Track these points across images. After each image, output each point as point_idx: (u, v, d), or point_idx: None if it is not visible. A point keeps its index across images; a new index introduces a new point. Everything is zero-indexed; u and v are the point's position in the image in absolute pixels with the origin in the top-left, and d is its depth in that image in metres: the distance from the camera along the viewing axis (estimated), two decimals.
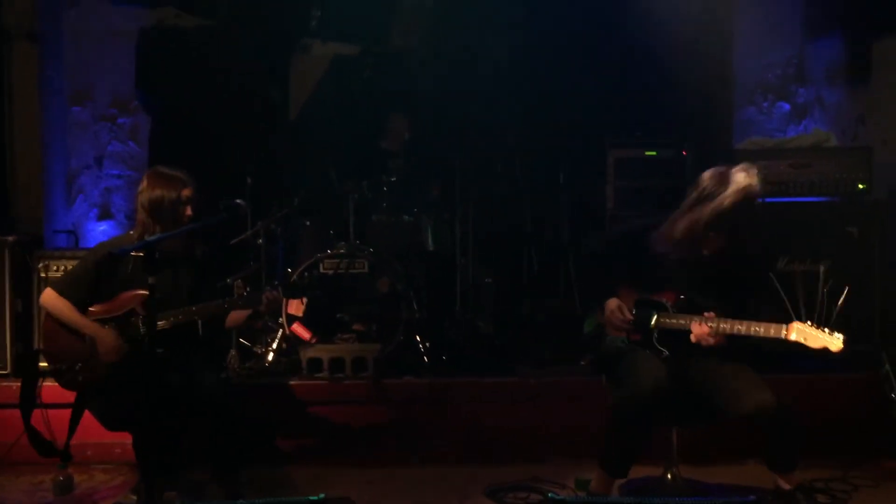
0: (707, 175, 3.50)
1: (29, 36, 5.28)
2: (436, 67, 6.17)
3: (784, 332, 3.35)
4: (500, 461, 4.29)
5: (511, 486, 3.96)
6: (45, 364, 3.75)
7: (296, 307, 4.72)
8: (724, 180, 3.44)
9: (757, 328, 3.39)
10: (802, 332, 3.33)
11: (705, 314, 3.48)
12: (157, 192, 3.69)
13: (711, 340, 3.45)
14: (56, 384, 3.75)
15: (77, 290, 3.66)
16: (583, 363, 3.79)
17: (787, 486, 3.52)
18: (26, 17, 5.27)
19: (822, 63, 5.43)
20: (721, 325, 3.44)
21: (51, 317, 3.68)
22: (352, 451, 4.40)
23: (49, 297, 3.66)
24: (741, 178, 3.43)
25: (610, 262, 3.78)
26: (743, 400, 3.40)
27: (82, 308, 3.65)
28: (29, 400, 3.78)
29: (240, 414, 3.63)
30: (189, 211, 3.71)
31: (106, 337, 3.59)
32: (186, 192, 3.71)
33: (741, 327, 3.41)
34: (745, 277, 3.57)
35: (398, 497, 3.93)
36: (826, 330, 3.31)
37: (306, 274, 3.97)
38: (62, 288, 3.68)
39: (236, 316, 3.83)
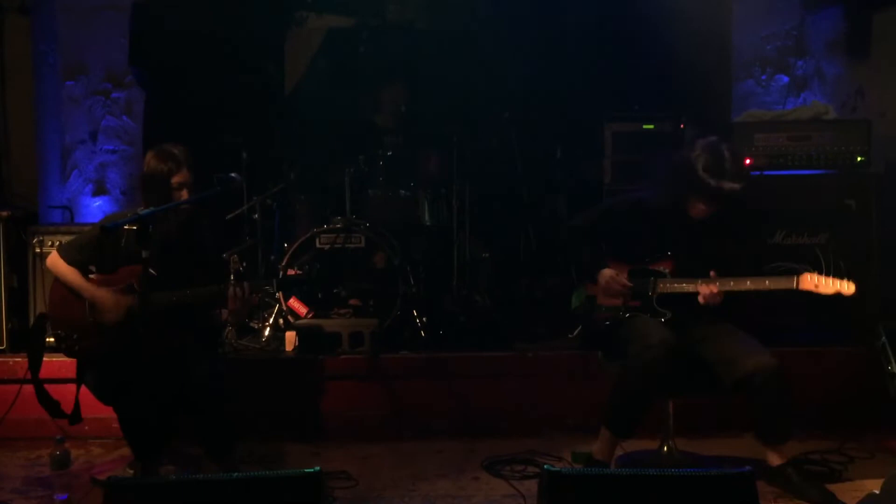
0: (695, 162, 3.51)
1: (21, 9, 5.23)
2: (432, 41, 6.12)
3: (795, 282, 3.36)
4: (497, 435, 4.30)
5: (508, 460, 3.97)
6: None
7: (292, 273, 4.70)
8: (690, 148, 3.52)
9: (766, 282, 3.41)
10: (813, 280, 3.36)
11: (711, 274, 3.48)
12: (150, 168, 3.67)
13: (718, 299, 3.46)
14: (54, 359, 3.77)
15: (81, 255, 3.68)
16: (571, 336, 3.80)
17: (777, 461, 3.54)
18: None
19: (821, 35, 5.38)
20: (729, 283, 3.45)
21: (58, 283, 3.70)
22: (349, 425, 4.41)
23: (54, 260, 3.69)
24: (700, 143, 3.49)
25: (597, 236, 3.78)
26: (744, 361, 3.43)
27: (83, 273, 3.67)
28: (36, 362, 3.79)
29: (233, 398, 3.63)
30: (184, 196, 3.63)
31: (104, 298, 3.60)
32: (178, 178, 3.62)
33: (749, 283, 3.43)
34: (734, 237, 3.58)
35: (395, 471, 3.95)
36: (835, 277, 3.33)
37: (305, 267, 3.95)
38: (66, 252, 3.71)
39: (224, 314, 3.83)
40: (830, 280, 3.34)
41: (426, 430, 4.39)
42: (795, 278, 3.39)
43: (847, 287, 3.33)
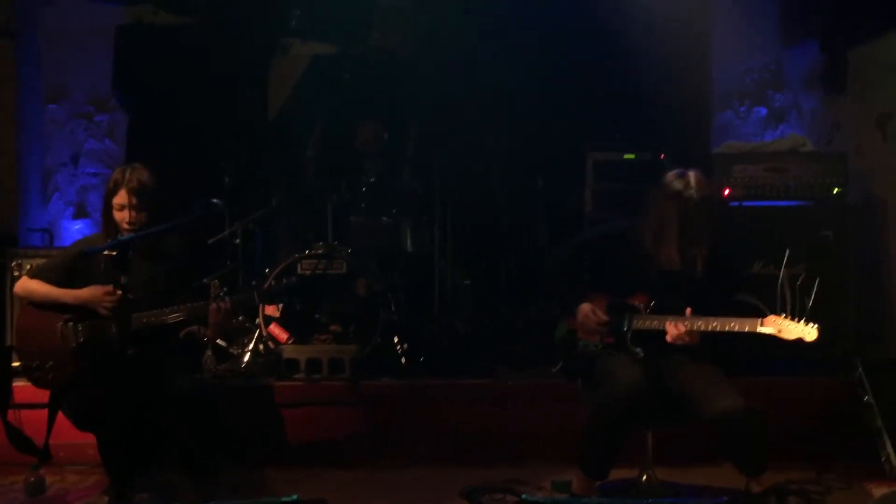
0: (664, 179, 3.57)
1: (4, 33, 5.24)
2: (414, 70, 6.16)
3: (759, 325, 3.38)
4: (477, 463, 4.29)
5: (487, 488, 3.95)
6: (17, 363, 3.71)
7: (273, 308, 4.70)
8: (660, 186, 3.56)
9: (731, 324, 3.43)
10: (776, 324, 3.36)
11: (687, 312, 3.50)
12: (106, 189, 3.67)
13: (687, 339, 3.47)
14: (28, 384, 3.72)
15: (49, 277, 3.63)
16: (553, 371, 3.81)
17: (757, 489, 3.55)
18: (2, 13, 5.24)
19: (799, 70, 5.48)
20: (696, 323, 3.46)
21: (26, 311, 3.65)
22: (328, 452, 4.38)
23: (23, 283, 3.65)
24: (673, 184, 3.51)
25: (577, 269, 3.80)
26: (711, 404, 3.43)
27: None
28: (4, 397, 3.73)
29: (214, 417, 3.60)
30: (125, 217, 3.59)
31: (91, 294, 3.55)
32: (117, 199, 3.59)
33: (716, 324, 3.44)
34: (713, 277, 3.60)
35: (374, 499, 3.92)
36: (800, 321, 3.34)
37: (284, 280, 3.95)
38: (36, 273, 3.66)
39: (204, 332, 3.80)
40: (793, 325, 3.35)
41: (406, 458, 4.36)
42: (759, 321, 3.40)
43: (809, 333, 3.32)
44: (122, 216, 3.61)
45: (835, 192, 4.68)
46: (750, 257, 4.55)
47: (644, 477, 3.84)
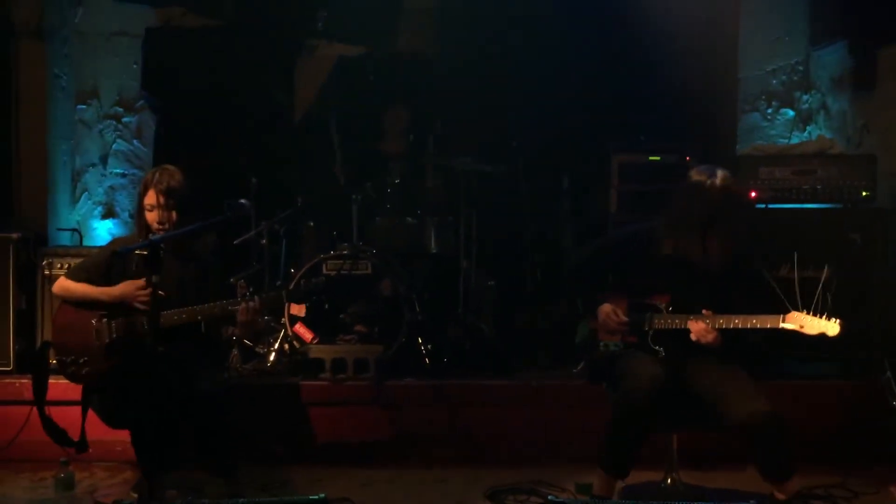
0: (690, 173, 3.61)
1: (36, 34, 5.30)
2: (441, 70, 6.17)
3: (781, 321, 3.37)
4: (501, 464, 4.30)
5: (511, 489, 3.96)
6: (53, 360, 3.80)
7: (298, 308, 4.73)
8: (685, 180, 3.60)
9: (753, 321, 3.42)
10: (798, 320, 3.35)
11: (703, 311, 3.49)
12: (137, 191, 3.75)
13: (710, 337, 3.47)
14: (60, 381, 3.79)
15: (85, 276, 3.72)
16: (575, 371, 3.81)
17: (781, 496, 3.52)
18: (33, 15, 5.29)
19: (827, 70, 5.43)
20: (718, 321, 3.46)
21: (63, 308, 3.73)
22: (352, 452, 4.41)
23: (60, 283, 3.74)
24: (698, 177, 3.54)
25: (597, 271, 3.80)
26: (735, 409, 3.41)
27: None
28: (41, 390, 3.79)
29: (236, 418, 3.64)
30: (155, 216, 3.66)
31: (124, 290, 3.62)
32: (147, 200, 3.67)
33: (738, 321, 3.44)
34: (734, 276, 3.59)
35: (398, 499, 3.94)
36: (822, 317, 3.32)
37: (313, 279, 3.99)
38: (73, 274, 3.75)
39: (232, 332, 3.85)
40: (815, 320, 3.33)
41: (429, 458, 4.38)
42: (781, 317, 3.39)
43: (831, 328, 3.31)
44: (151, 216, 3.69)
45: (863, 194, 4.63)
46: (776, 260, 4.52)
47: (668, 479, 3.83)
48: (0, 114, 5.20)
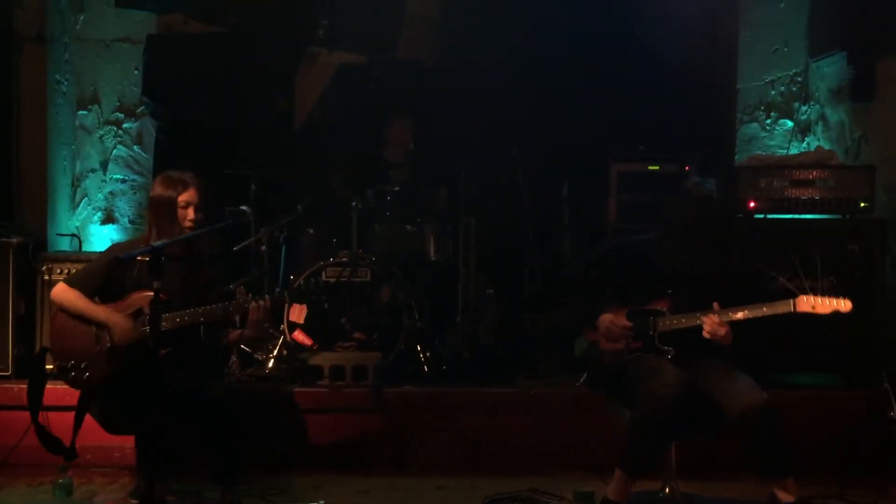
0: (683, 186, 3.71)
1: (38, 39, 5.30)
2: (441, 78, 6.19)
3: (792, 305, 3.39)
4: (499, 472, 4.29)
5: (509, 497, 3.96)
6: (50, 366, 3.78)
7: (297, 314, 4.73)
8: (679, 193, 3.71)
9: (763, 309, 3.45)
10: (810, 302, 3.39)
11: (715, 306, 3.51)
12: (157, 192, 3.76)
13: (722, 331, 3.49)
14: (57, 386, 3.79)
15: (87, 284, 3.72)
16: (577, 384, 3.82)
17: (786, 499, 3.52)
18: (35, 20, 5.30)
19: (825, 81, 5.45)
20: (729, 313, 3.48)
21: (61, 313, 3.72)
22: (351, 459, 4.40)
23: (60, 290, 3.73)
24: (692, 190, 3.65)
25: (594, 283, 3.81)
26: (735, 401, 3.45)
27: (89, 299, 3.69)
28: (36, 396, 3.79)
29: (241, 421, 3.64)
30: (190, 214, 3.73)
31: (119, 321, 3.63)
32: (185, 197, 3.72)
33: (748, 312, 3.46)
34: (731, 277, 3.61)
35: None
36: (831, 297, 3.35)
37: (312, 280, 4.00)
38: (73, 281, 3.74)
39: (235, 335, 3.85)
40: (827, 300, 3.37)
41: (428, 465, 4.38)
42: (792, 302, 3.41)
43: (843, 304, 3.36)
44: (185, 213, 3.72)
45: (861, 205, 4.65)
46: (775, 271, 4.52)
47: (667, 489, 3.83)
48: (1, 119, 5.20)
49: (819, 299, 3.37)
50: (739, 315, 3.48)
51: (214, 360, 3.85)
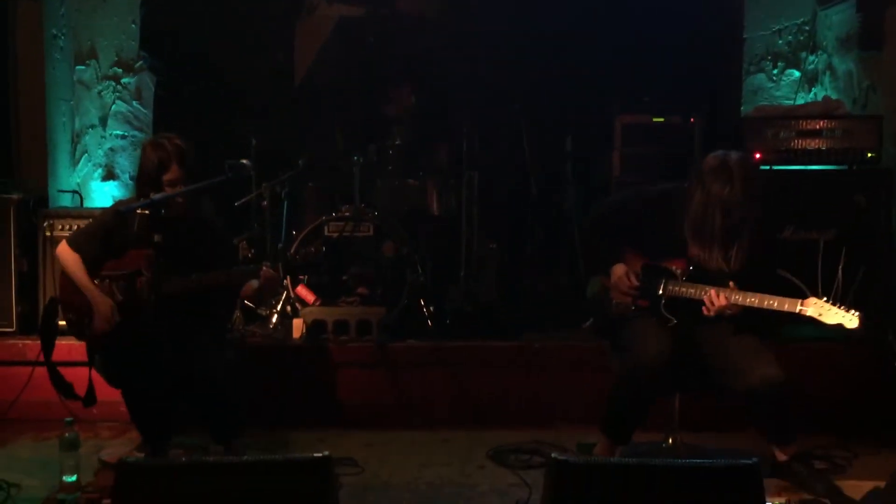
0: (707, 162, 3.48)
1: None
2: (442, 32, 6.10)
3: (799, 306, 3.34)
4: (503, 425, 4.31)
5: (514, 449, 3.99)
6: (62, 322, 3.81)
7: (304, 293, 4.71)
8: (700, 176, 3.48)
9: (771, 301, 3.38)
10: (818, 308, 3.31)
11: (731, 284, 3.45)
12: (144, 161, 3.66)
13: (728, 313, 3.44)
14: (63, 342, 3.80)
15: (90, 245, 3.68)
16: (584, 326, 3.78)
17: (783, 458, 3.54)
18: None
19: (833, 30, 5.36)
20: (734, 297, 3.42)
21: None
22: (355, 413, 4.43)
23: (62, 250, 3.70)
24: (714, 184, 3.42)
25: (612, 229, 3.73)
26: (749, 374, 3.39)
27: (97, 264, 3.67)
28: (49, 343, 3.79)
29: (244, 378, 3.64)
30: (175, 191, 3.61)
31: (101, 305, 3.60)
32: (168, 176, 3.59)
33: (755, 300, 3.40)
34: (754, 251, 3.55)
35: (401, 459, 3.96)
36: (842, 307, 3.29)
37: (312, 249, 3.95)
38: (76, 242, 3.71)
39: (248, 288, 3.81)
40: (835, 309, 3.30)
41: (432, 419, 4.40)
42: (800, 301, 3.35)
43: (850, 321, 3.27)
44: (172, 191, 3.60)
45: (868, 155, 4.60)
46: (781, 222, 4.50)
47: (670, 440, 3.85)
48: None
49: (828, 307, 3.30)
50: (749, 300, 3.40)
51: (214, 323, 3.81)
